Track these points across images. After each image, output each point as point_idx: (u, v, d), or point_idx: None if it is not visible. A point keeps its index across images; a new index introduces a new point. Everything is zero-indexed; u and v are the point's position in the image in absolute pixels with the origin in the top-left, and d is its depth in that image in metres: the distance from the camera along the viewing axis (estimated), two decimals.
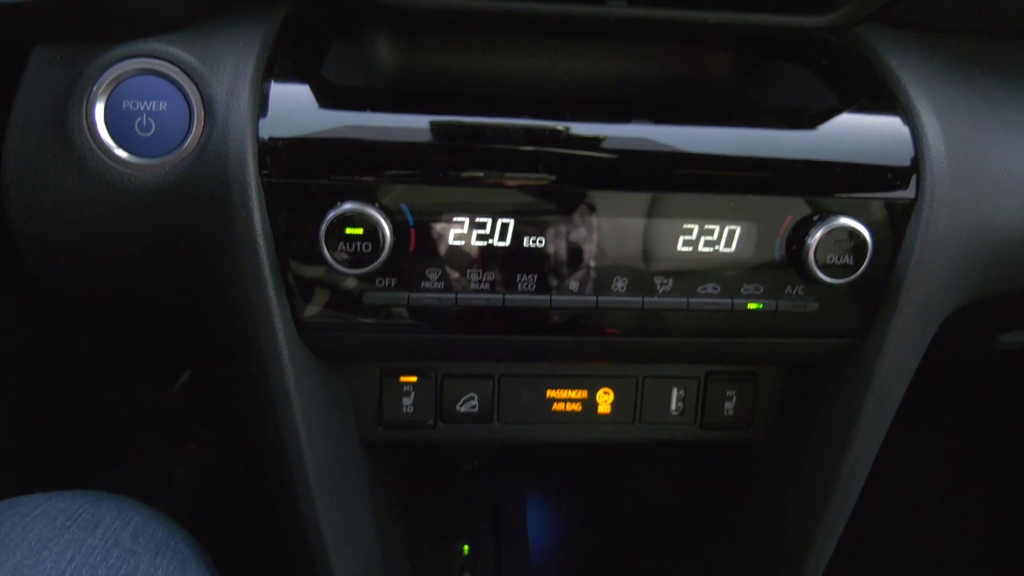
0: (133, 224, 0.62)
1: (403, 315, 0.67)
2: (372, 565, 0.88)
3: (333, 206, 0.61)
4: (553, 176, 0.64)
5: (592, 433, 0.83)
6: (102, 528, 0.63)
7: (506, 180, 0.64)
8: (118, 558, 0.61)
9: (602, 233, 0.66)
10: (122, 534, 0.64)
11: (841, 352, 0.75)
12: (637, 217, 0.66)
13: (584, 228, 0.66)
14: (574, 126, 0.64)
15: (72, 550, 0.60)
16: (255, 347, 0.65)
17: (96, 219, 0.61)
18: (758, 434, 0.85)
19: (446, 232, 0.65)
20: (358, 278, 0.65)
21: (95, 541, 0.62)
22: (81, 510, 0.64)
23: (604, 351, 0.75)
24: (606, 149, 0.64)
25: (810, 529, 0.82)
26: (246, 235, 0.61)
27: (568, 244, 0.66)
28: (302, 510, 0.72)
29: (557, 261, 0.67)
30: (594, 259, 0.67)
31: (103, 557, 0.61)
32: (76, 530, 0.62)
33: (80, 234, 0.62)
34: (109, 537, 0.63)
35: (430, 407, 0.79)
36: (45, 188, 0.61)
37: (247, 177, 0.60)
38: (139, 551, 0.63)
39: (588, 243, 0.66)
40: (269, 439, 0.70)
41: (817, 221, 0.66)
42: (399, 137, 0.63)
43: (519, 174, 0.64)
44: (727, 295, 0.69)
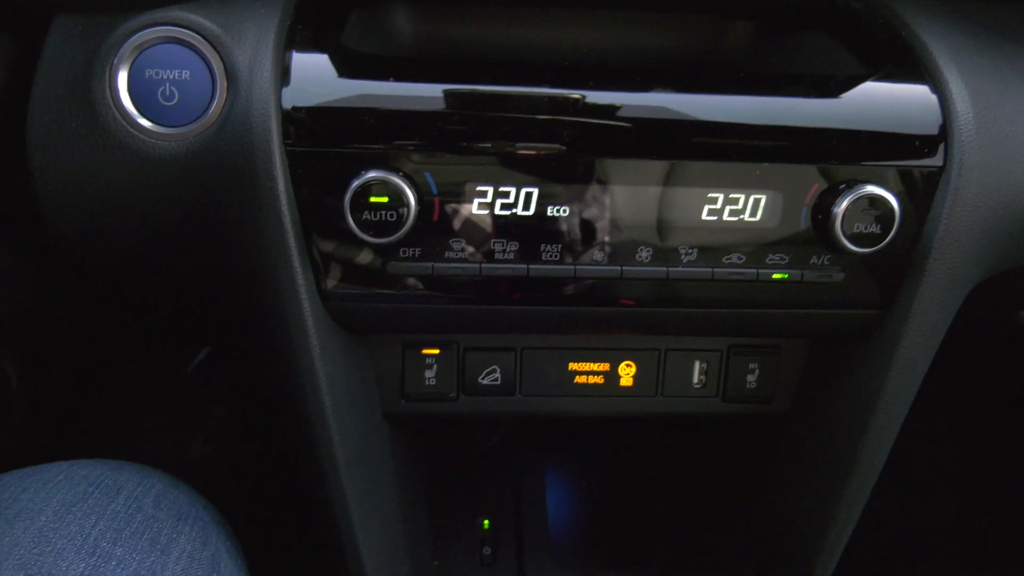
0: (157, 194, 0.62)
1: (426, 285, 0.67)
2: (396, 537, 0.89)
3: (357, 175, 0.61)
4: (578, 145, 0.64)
5: (614, 406, 0.83)
6: (124, 494, 0.64)
7: (530, 149, 0.63)
8: (141, 523, 0.62)
9: (627, 202, 0.66)
10: (144, 500, 0.64)
11: (866, 323, 0.74)
12: (662, 186, 0.65)
13: (609, 197, 0.65)
14: (599, 94, 0.63)
15: (96, 514, 0.60)
16: (280, 318, 0.65)
17: (120, 189, 0.61)
18: (780, 407, 0.85)
19: (470, 201, 0.64)
20: (382, 247, 0.64)
21: (118, 506, 0.62)
22: (103, 476, 0.65)
23: (627, 323, 0.75)
24: (631, 117, 0.64)
25: (832, 503, 0.82)
26: (270, 205, 0.61)
27: (592, 213, 0.66)
28: (328, 482, 0.72)
29: (581, 230, 0.66)
30: (619, 228, 0.66)
31: (126, 522, 0.61)
32: (99, 495, 0.62)
33: (104, 204, 0.62)
34: (132, 503, 0.63)
35: (452, 380, 0.79)
36: (69, 158, 0.61)
37: (271, 146, 0.60)
38: (161, 516, 0.64)
39: (613, 212, 0.66)
40: (295, 412, 0.70)
41: (843, 190, 0.65)
42: (422, 106, 0.62)
43: (543, 143, 0.63)
44: (752, 265, 0.68)
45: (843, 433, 0.80)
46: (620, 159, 0.65)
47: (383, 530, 0.84)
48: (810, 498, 0.85)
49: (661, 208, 0.66)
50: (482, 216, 0.65)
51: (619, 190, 0.65)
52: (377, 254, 0.65)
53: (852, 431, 0.78)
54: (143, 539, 0.61)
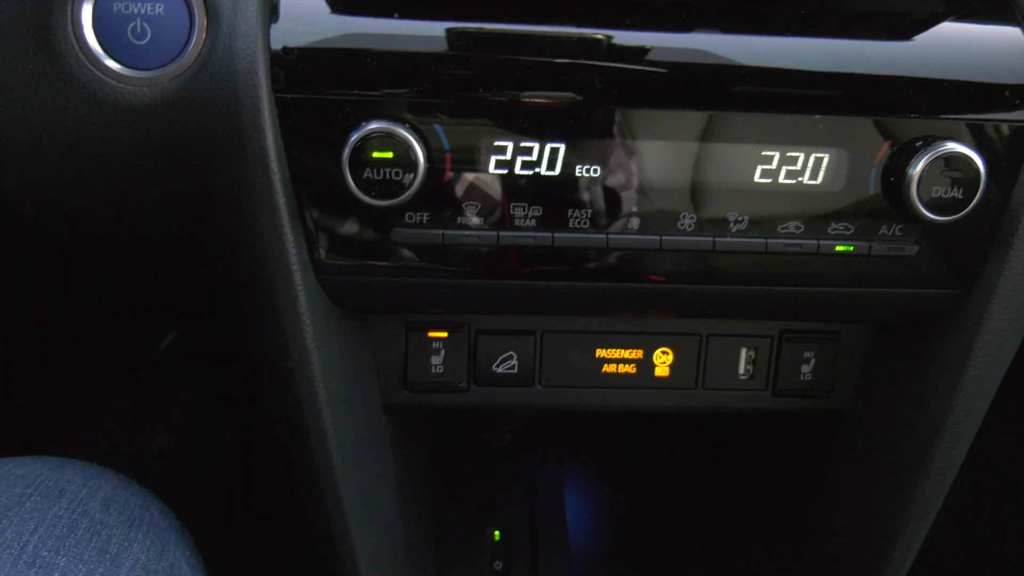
0: (127, 147, 0.61)
1: (435, 256, 0.67)
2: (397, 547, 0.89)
3: (357, 126, 0.60)
4: (611, 93, 0.63)
5: (647, 400, 0.82)
6: (67, 496, 0.63)
7: (555, 98, 0.62)
8: (87, 529, 0.61)
9: (667, 161, 0.65)
10: (90, 503, 0.63)
11: (942, 305, 0.73)
12: (708, 143, 0.65)
13: (646, 155, 0.65)
14: (637, 35, 0.62)
15: (35, 520, 0.60)
16: (268, 293, 0.65)
17: (84, 142, 0.61)
18: (839, 403, 0.84)
19: (486, 159, 0.63)
20: (385, 212, 0.64)
21: (60, 511, 0.61)
22: (43, 477, 0.64)
23: (665, 302, 0.74)
24: (674, 61, 0.63)
25: (898, 514, 0.81)
26: (257, 161, 0.60)
27: (628, 174, 0.65)
28: (322, 482, 0.72)
29: (615, 194, 0.65)
30: (658, 192, 0.66)
31: (70, 528, 0.61)
32: (38, 498, 0.62)
33: (65, 159, 0.61)
34: (76, 507, 0.62)
35: (462, 367, 0.79)
36: (25, 106, 0.60)
37: (258, 93, 0.59)
38: (110, 522, 0.63)
39: (651, 173, 0.65)
40: (284, 403, 0.70)
41: (920, 148, 0.64)
42: (431, 46, 0.61)
43: (571, 91, 0.62)
44: (811, 235, 0.68)
45: (912, 434, 0.79)
46: (659, 110, 0.64)
47: (383, 539, 0.84)
48: (872, 509, 0.85)
49: (707, 169, 0.65)
50: (500, 176, 0.64)
51: (658, 147, 0.64)
52: (379, 219, 0.65)
53: (923, 431, 0.77)
54: (90, 548, 0.60)
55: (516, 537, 1.14)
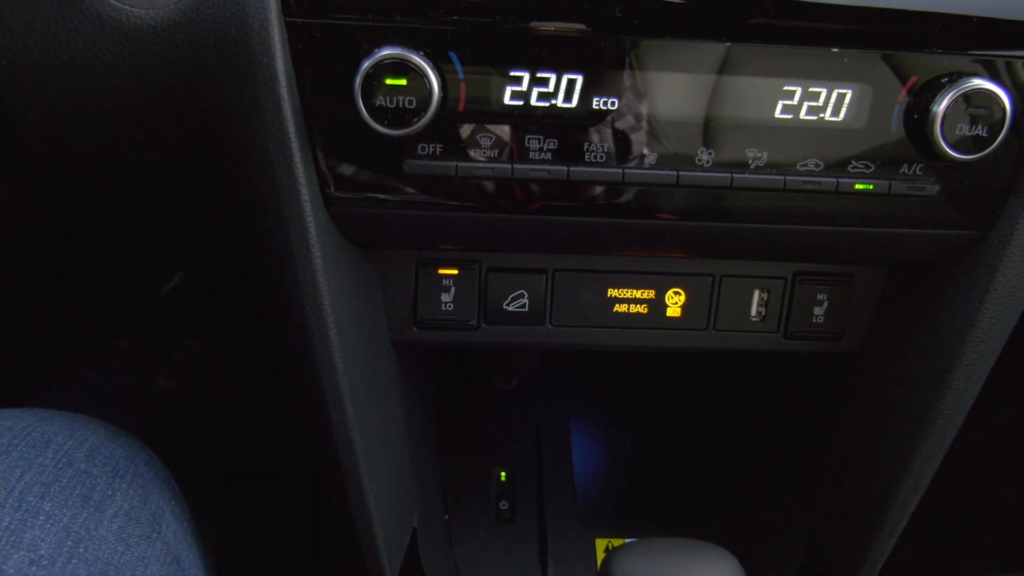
0: (132, 71, 0.60)
1: (448, 189, 0.66)
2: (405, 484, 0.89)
3: (369, 52, 0.59)
4: (631, 22, 0.61)
5: (658, 340, 0.82)
6: (53, 447, 0.64)
7: (573, 26, 0.61)
8: (71, 478, 0.62)
9: (685, 95, 0.64)
10: (75, 454, 0.65)
11: (959, 247, 0.73)
12: (729, 76, 0.63)
13: (664, 88, 0.63)
14: None
15: (21, 467, 0.61)
16: (278, 224, 0.64)
17: (89, 65, 0.59)
18: (851, 346, 0.84)
19: (502, 89, 0.62)
20: (397, 141, 0.62)
21: (46, 460, 0.63)
22: (30, 428, 0.65)
23: (679, 240, 0.74)
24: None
25: (906, 456, 0.81)
26: (267, 87, 0.59)
27: (646, 107, 0.64)
28: (331, 416, 0.72)
29: (632, 127, 0.64)
30: (676, 126, 0.64)
31: (55, 476, 0.62)
32: (24, 448, 0.63)
33: (70, 83, 0.60)
34: (61, 457, 0.64)
35: (473, 305, 0.78)
36: (26, 27, 0.58)
37: (268, 16, 0.57)
38: (95, 472, 0.64)
39: (668, 107, 0.64)
40: (293, 334, 0.69)
41: (946, 84, 0.63)
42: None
43: (588, 21, 0.61)
44: (832, 173, 0.67)
45: (923, 376, 0.79)
46: (680, 41, 0.62)
47: (391, 473, 0.84)
48: (879, 452, 0.85)
49: (727, 103, 0.64)
50: (516, 107, 0.63)
51: (677, 80, 0.63)
52: (391, 149, 0.63)
53: (934, 374, 0.77)
54: (74, 494, 0.61)
55: (522, 478, 1.15)
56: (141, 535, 0.64)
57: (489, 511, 1.12)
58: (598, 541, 1.10)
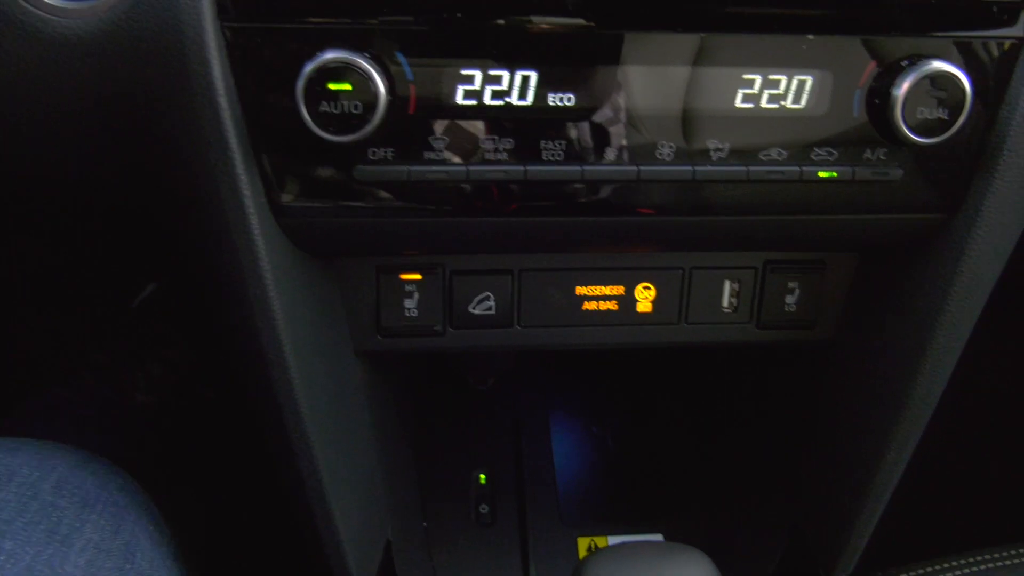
0: (63, 86, 0.58)
1: (402, 194, 0.64)
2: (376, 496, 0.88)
3: (311, 56, 0.57)
4: (583, 15, 0.60)
5: (630, 336, 0.81)
6: (17, 480, 0.63)
7: (525, 21, 0.60)
8: (36, 512, 0.61)
9: (644, 88, 0.63)
10: (42, 486, 0.63)
11: (926, 230, 0.72)
12: (686, 66, 0.62)
13: (622, 81, 0.62)
14: None
15: None
16: (223, 239, 0.62)
17: (20, 80, 0.58)
18: (824, 333, 0.83)
19: (453, 88, 0.61)
20: (346, 148, 0.61)
21: (8, 495, 0.61)
22: None
23: (645, 236, 0.73)
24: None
25: (881, 442, 0.81)
26: (205, 96, 0.57)
27: (603, 102, 0.63)
28: (290, 434, 0.71)
29: (590, 123, 0.63)
30: (635, 120, 0.64)
31: (18, 511, 0.60)
32: None
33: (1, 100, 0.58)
34: (26, 490, 0.62)
35: (438, 310, 0.77)
36: None
37: (202, 22, 0.56)
38: (62, 504, 0.63)
39: (627, 100, 0.63)
40: (247, 352, 0.68)
41: (906, 67, 0.62)
42: None
43: (541, 14, 0.60)
44: (794, 162, 0.66)
45: (896, 361, 0.78)
46: (634, 32, 0.61)
47: (360, 489, 0.83)
48: (854, 438, 0.85)
49: (685, 94, 0.63)
50: (469, 107, 0.61)
51: (635, 72, 0.62)
52: (340, 156, 0.62)
53: (906, 358, 0.77)
54: (38, 530, 0.60)
55: (502, 480, 1.14)
56: (112, 567, 0.63)
57: (469, 515, 1.11)
58: (580, 540, 1.09)
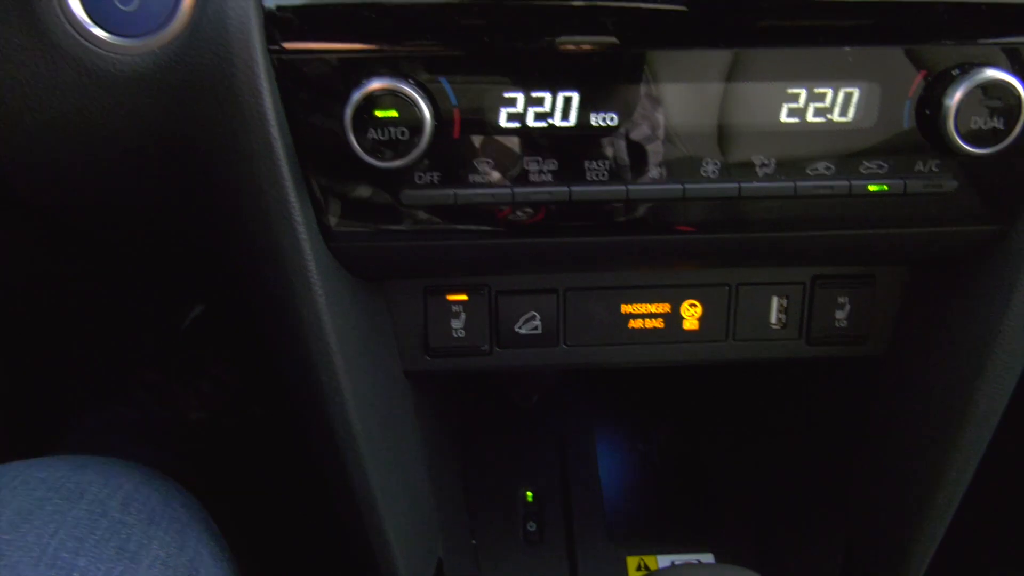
0: (120, 120, 0.60)
1: (449, 216, 0.65)
2: (427, 514, 0.88)
3: (358, 84, 0.58)
4: (624, 35, 0.60)
5: (676, 353, 0.81)
6: (88, 498, 0.64)
7: (566, 43, 0.60)
8: (106, 529, 0.62)
9: (687, 105, 0.63)
10: (110, 503, 0.65)
11: (982, 242, 0.71)
12: (729, 82, 0.62)
13: (664, 99, 0.62)
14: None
15: (55, 522, 0.61)
16: (277, 265, 0.63)
17: (77, 115, 0.59)
18: (876, 348, 0.82)
19: (497, 111, 0.61)
20: (393, 173, 0.62)
21: (80, 512, 0.63)
22: (64, 479, 0.65)
23: (691, 253, 0.72)
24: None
25: (941, 461, 0.79)
26: (256, 125, 0.58)
27: (645, 120, 0.63)
28: (345, 455, 0.72)
29: (633, 142, 0.63)
30: (678, 138, 0.63)
31: (90, 529, 0.62)
32: (59, 501, 0.63)
33: (59, 133, 0.60)
34: (96, 507, 0.64)
35: (484, 330, 0.77)
36: (12, 81, 0.59)
37: (252, 53, 0.57)
38: (130, 521, 0.64)
39: (670, 118, 0.63)
40: (300, 374, 0.69)
41: (957, 76, 0.61)
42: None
43: (581, 35, 0.60)
44: (843, 176, 0.65)
45: (954, 376, 0.77)
46: (676, 51, 0.61)
47: (412, 506, 0.84)
48: (912, 457, 0.83)
49: (730, 110, 0.63)
50: (513, 129, 0.62)
51: (677, 90, 0.62)
52: (388, 181, 0.63)
53: (965, 373, 0.75)
54: (109, 547, 0.61)
55: (549, 497, 1.13)
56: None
57: (517, 533, 1.11)
58: (629, 559, 1.08)
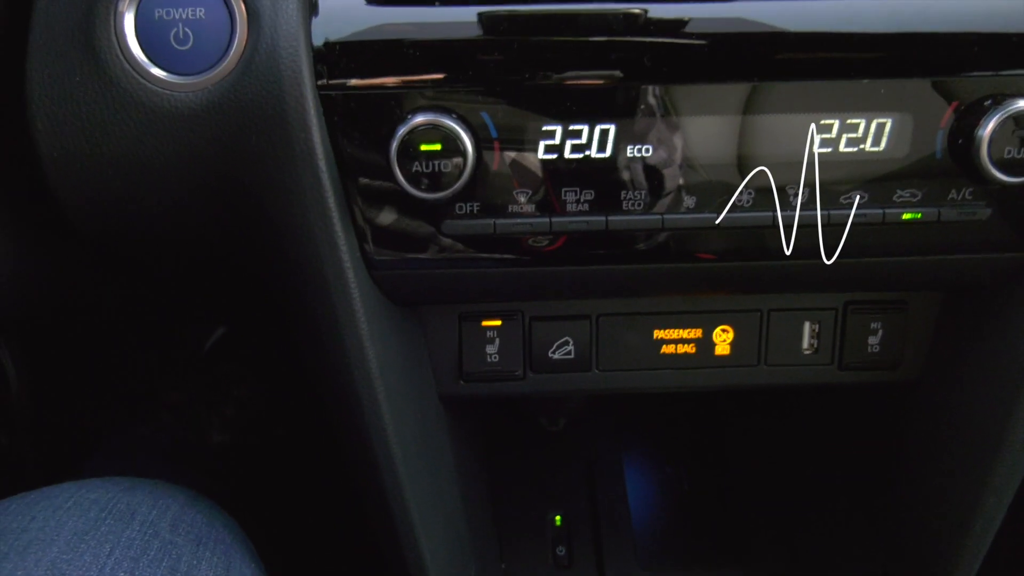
0: (176, 153, 0.62)
1: (488, 246, 0.66)
2: (460, 536, 0.89)
3: (403, 120, 0.60)
4: (660, 70, 0.62)
5: (708, 379, 0.81)
6: (139, 519, 0.66)
7: (603, 78, 0.62)
8: (159, 550, 0.64)
9: (722, 136, 0.64)
10: (160, 524, 0.66)
11: (1016, 269, 0.71)
12: (764, 114, 0.63)
13: (699, 132, 0.64)
14: (681, 7, 0.61)
15: (111, 543, 0.62)
16: (322, 292, 0.65)
17: (135, 150, 0.61)
18: (909, 374, 0.82)
19: (535, 144, 0.63)
20: (435, 204, 0.64)
21: (133, 533, 0.64)
22: (115, 500, 0.67)
23: (724, 280, 0.73)
24: (721, 32, 0.61)
25: (976, 488, 0.79)
26: (305, 158, 0.60)
27: (681, 152, 0.64)
28: (384, 476, 0.73)
29: (669, 173, 0.64)
30: (713, 169, 0.65)
31: (143, 549, 0.63)
32: (112, 522, 0.64)
33: (118, 168, 0.62)
34: (147, 528, 0.65)
35: (518, 355, 0.78)
36: (75, 117, 0.61)
37: (303, 90, 0.59)
38: (179, 542, 0.66)
39: (705, 150, 0.64)
40: (341, 398, 0.70)
41: (989, 107, 0.62)
42: (473, 33, 0.61)
43: (618, 70, 0.62)
44: (877, 204, 0.66)
45: (988, 403, 0.77)
46: (712, 84, 0.62)
47: (446, 528, 0.84)
48: (948, 484, 0.83)
49: (763, 141, 0.64)
50: (550, 161, 0.63)
51: (711, 122, 0.63)
52: (429, 212, 0.65)
53: (1000, 400, 0.75)
54: (162, 567, 0.63)
55: (578, 521, 1.14)
56: None
57: (546, 557, 1.11)
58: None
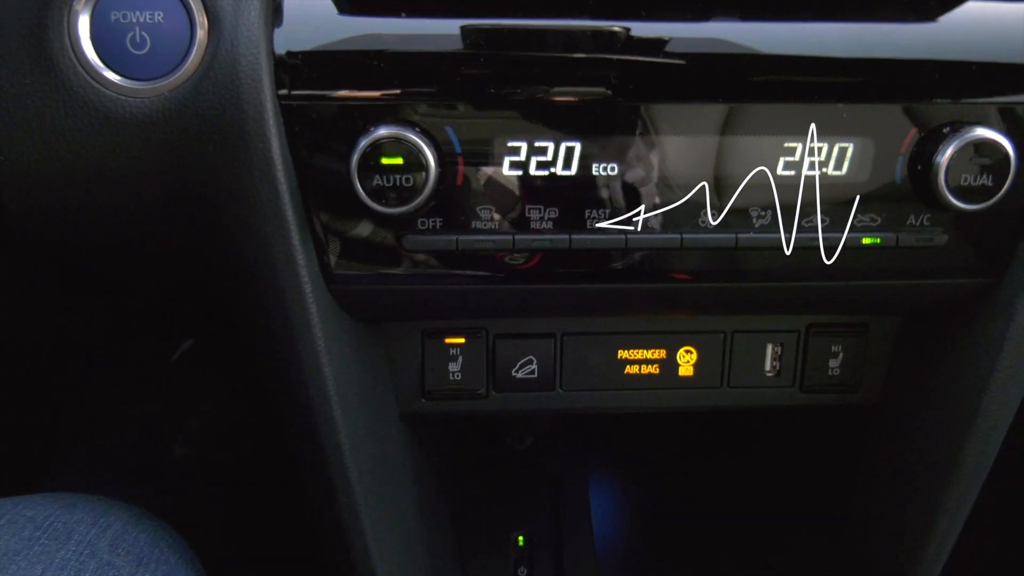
0: (130, 161, 0.60)
1: (450, 262, 0.66)
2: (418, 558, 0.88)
3: (365, 132, 0.59)
4: (626, 88, 0.62)
5: (672, 400, 0.81)
6: (76, 538, 0.64)
7: (569, 95, 0.61)
8: (95, 571, 0.62)
9: (686, 157, 0.64)
10: (99, 544, 0.64)
11: (973, 294, 0.72)
12: (729, 135, 0.64)
13: (664, 151, 0.64)
14: (652, 26, 0.61)
15: (43, 563, 0.60)
16: (278, 305, 0.64)
17: (87, 157, 0.60)
18: (869, 397, 0.83)
19: (500, 160, 0.63)
20: (396, 219, 0.63)
21: (68, 553, 0.62)
22: (52, 518, 0.65)
23: (687, 301, 0.73)
24: (691, 53, 0.62)
25: (931, 510, 0.80)
26: (263, 169, 0.59)
27: (646, 171, 0.64)
28: (339, 496, 0.71)
29: (633, 192, 0.64)
30: (677, 188, 0.65)
31: (78, 570, 0.61)
32: (46, 541, 0.62)
33: (68, 175, 0.61)
34: (84, 548, 0.63)
35: (481, 373, 0.78)
36: (24, 122, 0.59)
37: (262, 99, 0.58)
38: (118, 563, 0.64)
39: (669, 169, 0.64)
40: (297, 416, 0.69)
41: (948, 134, 0.63)
42: (440, 46, 0.61)
43: (584, 87, 0.62)
44: (837, 228, 0.67)
45: (944, 426, 0.78)
46: (677, 104, 0.63)
47: (403, 550, 0.83)
48: (904, 505, 0.83)
49: (727, 163, 0.64)
50: (515, 177, 0.63)
51: (676, 142, 0.64)
52: (391, 227, 0.64)
53: (955, 423, 0.76)
54: None
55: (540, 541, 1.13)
56: None
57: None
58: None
